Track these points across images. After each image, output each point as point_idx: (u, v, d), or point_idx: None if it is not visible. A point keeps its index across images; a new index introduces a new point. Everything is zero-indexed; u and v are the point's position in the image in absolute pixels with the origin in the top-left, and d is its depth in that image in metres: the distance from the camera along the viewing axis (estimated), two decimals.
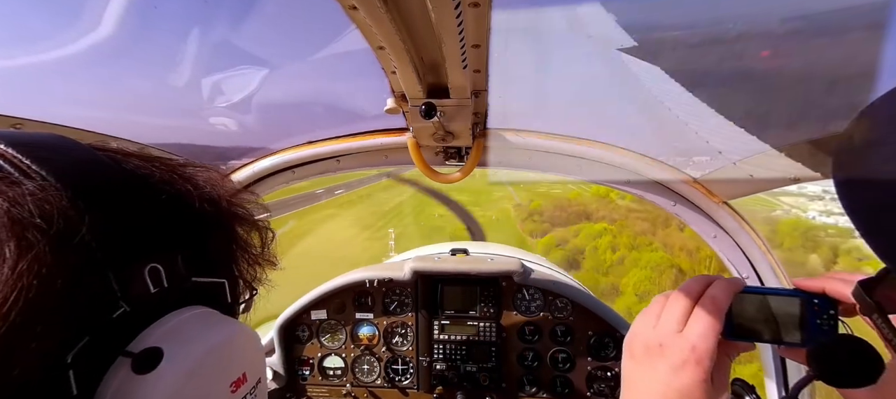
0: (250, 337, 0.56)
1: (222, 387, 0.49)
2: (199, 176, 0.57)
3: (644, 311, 0.74)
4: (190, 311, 0.50)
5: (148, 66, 1.08)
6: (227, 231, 0.59)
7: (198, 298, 0.53)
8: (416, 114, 0.98)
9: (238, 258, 0.63)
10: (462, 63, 0.79)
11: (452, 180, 1.40)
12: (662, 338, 0.66)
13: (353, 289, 2.00)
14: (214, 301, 0.56)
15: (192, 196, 0.53)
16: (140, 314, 0.45)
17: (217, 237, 0.58)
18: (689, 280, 0.72)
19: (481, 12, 0.62)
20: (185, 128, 1.47)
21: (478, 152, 1.32)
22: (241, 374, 0.52)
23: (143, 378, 0.41)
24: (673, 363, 0.64)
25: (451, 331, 1.97)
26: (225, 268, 0.59)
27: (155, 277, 0.46)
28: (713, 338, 0.64)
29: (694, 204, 1.43)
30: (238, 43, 0.97)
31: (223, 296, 0.57)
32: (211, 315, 0.52)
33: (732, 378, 1.06)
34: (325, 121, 1.46)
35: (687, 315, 0.67)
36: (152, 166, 0.52)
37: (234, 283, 0.62)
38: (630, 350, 0.72)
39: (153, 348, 0.43)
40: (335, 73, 1.12)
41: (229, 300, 0.58)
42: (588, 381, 1.94)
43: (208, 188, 0.57)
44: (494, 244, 2.95)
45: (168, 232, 0.50)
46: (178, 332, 0.46)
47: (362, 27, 0.70)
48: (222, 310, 0.56)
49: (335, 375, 2.07)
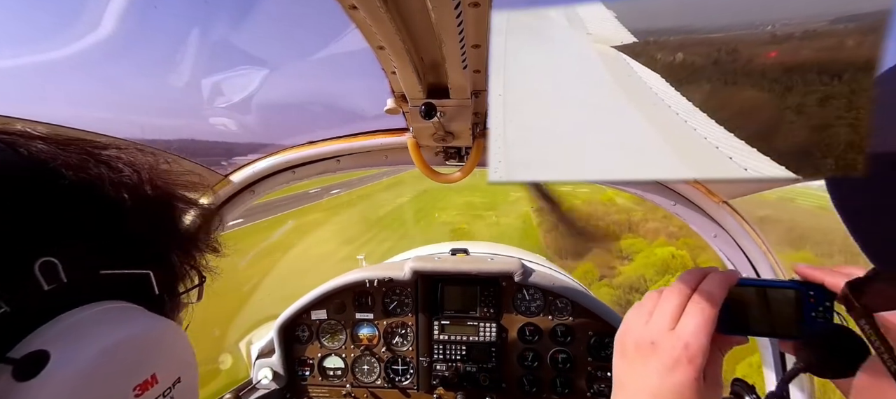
0: (168, 334, 0.52)
1: (122, 390, 0.44)
2: (121, 159, 0.53)
3: (636, 306, 0.71)
4: (94, 307, 0.45)
5: (148, 67, 1.07)
6: (152, 217, 0.55)
7: (114, 292, 0.49)
8: (416, 114, 0.98)
9: (172, 246, 0.59)
10: (462, 63, 0.79)
11: (452, 180, 1.40)
12: (654, 335, 0.64)
13: (352, 289, 2.00)
14: (139, 294, 0.52)
15: (104, 180, 0.49)
16: (30, 314, 0.41)
17: (139, 224, 0.53)
18: (684, 273, 0.69)
19: (481, 12, 0.62)
20: (186, 128, 1.47)
21: (478, 152, 1.32)
22: (149, 375, 0.47)
23: (25, 385, 0.37)
24: (665, 362, 0.62)
25: (452, 331, 1.96)
26: (152, 257, 0.55)
27: (49, 273, 0.42)
28: (706, 335, 0.62)
29: (694, 204, 1.43)
30: (238, 43, 0.96)
31: (149, 288, 0.53)
32: (120, 310, 0.48)
33: (733, 378, 1.06)
34: (325, 121, 1.46)
35: (680, 311, 0.65)
36: (59, 150, 0.47)
37: (167, 273, 0.58)
38: (621, 347, 0.70)
39: (38, 352, 0.39)
40: (335, 73, 1.12)
41: (157, 292, 0.54)
42: (588, 382, 1.94)
43: (128, 172, 0.53)
44: (495, 244, 2.95)
45: (69, 221, 0.45)
46: (71, 333, 0.42)
47: (362, 27, 0.69)
48: (149, 303, 0.52)
49: (335, 376, 2.06)
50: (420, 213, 59.23)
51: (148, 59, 32.03)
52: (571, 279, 2.38)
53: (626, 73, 0.39)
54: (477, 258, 2.02)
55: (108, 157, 0.52)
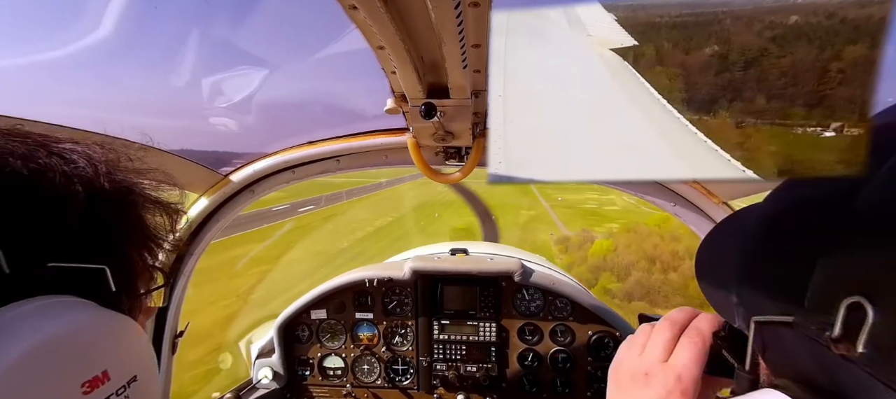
0: (122, 330, 0.51)
1: (68, 386, 0.43)
2: (75, 151, 0.52)
3: (629, 338, 0.74)
4: (40, 300, 0.44)
5: (148, 67, 1.07)
6: (109, 212, 0.53)
7: (66, 287, 0.47)
8: (416, 114, 0.98)
9: (130, 242, 0.57)
10: (462, 63, 0.79)
11: (453, 180, 1.40)
12: (648, 367, 0.66)
13: (352, 289, 2.00)
14: (93, 290, 0.50)
15: (55, 171, 0.47)
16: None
17: (93, 218, 0.51)
18: (674, 311, 0.72)
19: (481, 12, 0.62)
20: (186, 128, 1.46)
21: (478, 152, 1.32)
22: (99, 371, 0.45)
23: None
24: (659, 392, 0.64)
25: (451, 331, 1.96)
26: (109, 253, 0.53)
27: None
28: (698, 368, 0.64)
29: (694, 204, 1.43)
30: (238, 43, 0.96)
31: (105, 284, 0.51)
32: (67, 304, 0.46)
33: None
34: (324, 121, 1.46)
35: (673, 344, 0.67)
36: (7, 138, 0.46)
37: (126, 270, 0.56)
38: (616, 378, 0.72)
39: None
40: (335, 73, 1.12)
41: (113, 288, 0.52)
42: (588, 382, 1.94)
43: (84, 164, 0.51)
44: (494, 244, 2.95)
45: (12, 210, 0.44)
46: (7, 326, 0.41)
47: (362, 27, 0.70)
48: (105, 300, 0.51)
49: (335, 375, 2.07)
50: (396, 237, 43.27)
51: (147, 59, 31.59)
52: (571, 279, 2.38)
53: (626, 73, 0.39)
54: (477, 258, 2.02)
55: (62, 149, 0.51)
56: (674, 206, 1.44)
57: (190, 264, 1.63)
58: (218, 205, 1.58)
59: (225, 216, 1.60)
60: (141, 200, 0.59)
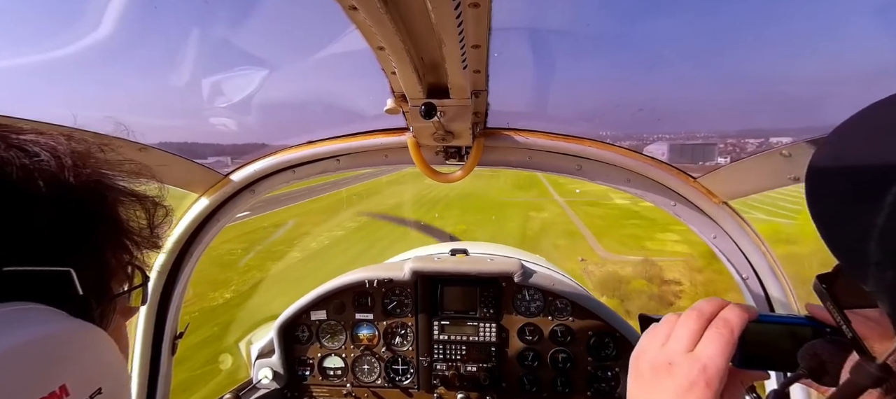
0: (85, 339, 0.46)
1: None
2: (38, 144, 0.47)
3: (651, 328, 0.71)
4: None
5: (148, 67, 1.08)
6: (74, 208, 0.49)
7: (27, 292, 0.43)
8: (416, 114, 0.98)
9: (100, 240, 0.53)
10: (462, 63, 0.79)
11: (453, 180, 1.40)
12: (672, 356, 0.64)
13: (352, 289, 2.00)
14: (59, 295, 0.45)
15: (12, 165, 0.43)
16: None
17: (56, 215, 0.47)
18: (702, 301, 0.69)
19: (481, 12, 0.63)
20: (186, 128, 1.47)
21: (478, 152, 1.32)
22: (56, 386, 0.41)
23: None
24: (682, 383, 0.61)
25: (451, 331, 1.97)
26: (76, 253, 0.48)
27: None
28: (724, 359, 0.61)
29: (694, 204, 1.43)
30: (238, 43, 0.97)
31: (71, 288, 0.47)
32: (22, 313, 0.42)
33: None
34: (324, 121, 1.46)
35: (698, 335, 0.64)
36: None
37: (96, 271, 0.51)
38: (636, 368, 0.69)
39: None
40: (335, 73, 1.12)
41: (81, 291, 0.47)
42: (588, 381, 1.94)
43: (46, 157, 0.47)
44: (494, 245, 2.95)
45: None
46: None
47: (362, 27, 0.70)
48: (71, 303, 0.46)
49: (335, 376, 2.07)
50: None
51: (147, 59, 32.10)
52: (571, 280, 2.38)
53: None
54: (477, 259, 2.02)
55: (23, 141, 0.46)
56: (674, 205, 1.43)
57: (190, 265, 1.63)
58: (218, 205, 1.58)
59: (225, 216, 1.60)
60: (114, 194, 0.54)
